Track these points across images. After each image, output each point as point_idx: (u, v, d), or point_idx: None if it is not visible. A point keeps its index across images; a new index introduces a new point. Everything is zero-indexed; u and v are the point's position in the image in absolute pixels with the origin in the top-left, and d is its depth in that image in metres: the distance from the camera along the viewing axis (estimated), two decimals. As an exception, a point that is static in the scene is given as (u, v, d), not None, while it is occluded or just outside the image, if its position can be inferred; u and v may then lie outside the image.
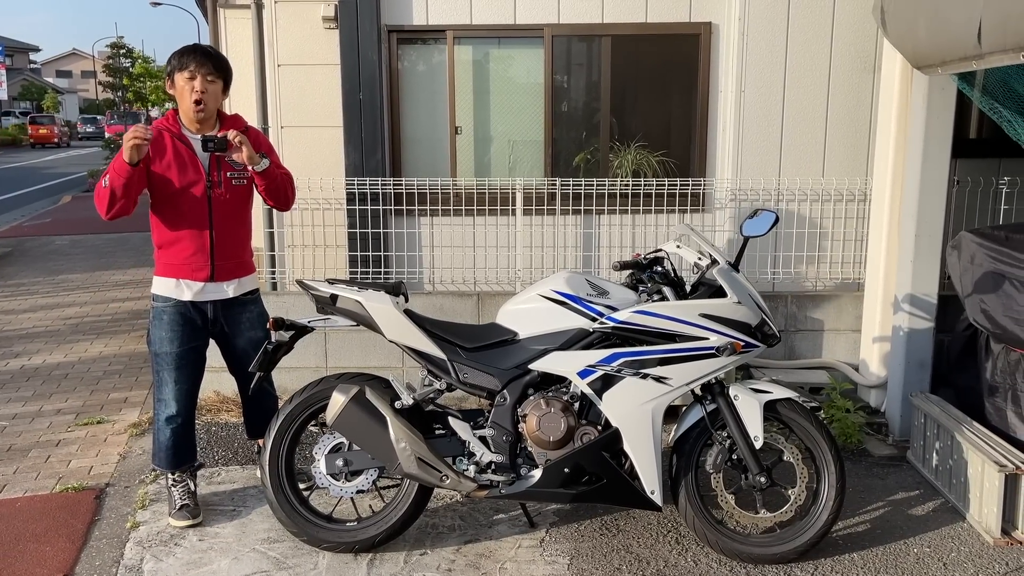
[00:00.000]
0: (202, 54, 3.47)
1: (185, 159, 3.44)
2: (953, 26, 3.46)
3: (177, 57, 3.47)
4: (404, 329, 3.32)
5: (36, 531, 3.59)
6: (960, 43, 3.42)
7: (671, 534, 3.56)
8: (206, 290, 3.54)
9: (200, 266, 3.50)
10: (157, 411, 3.64)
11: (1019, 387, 3.77)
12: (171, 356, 3.54)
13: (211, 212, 3.48)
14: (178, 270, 3.50)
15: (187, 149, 3.45)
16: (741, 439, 3.26)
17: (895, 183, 4.52)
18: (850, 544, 3.50)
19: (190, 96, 3.41)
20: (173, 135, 3.45)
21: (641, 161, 5.51)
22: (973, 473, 3.66)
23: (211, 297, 3.56)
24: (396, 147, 5.52)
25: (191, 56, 3.44)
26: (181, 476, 3.68)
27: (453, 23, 5.36)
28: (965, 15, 3.35)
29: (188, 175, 3.44)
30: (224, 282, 3.57)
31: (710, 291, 3.34)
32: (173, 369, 3.56)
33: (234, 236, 3.59)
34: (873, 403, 4.83)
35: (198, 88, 3.41)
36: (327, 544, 3.36)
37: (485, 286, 5.39)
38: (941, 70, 3.71)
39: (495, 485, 3.29)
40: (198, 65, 3.42)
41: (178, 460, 3.67)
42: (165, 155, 3.42)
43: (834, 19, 5.15)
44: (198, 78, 3.41)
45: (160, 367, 3.57)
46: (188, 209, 3.46)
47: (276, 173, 3.54)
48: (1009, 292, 3.79)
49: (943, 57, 3.63)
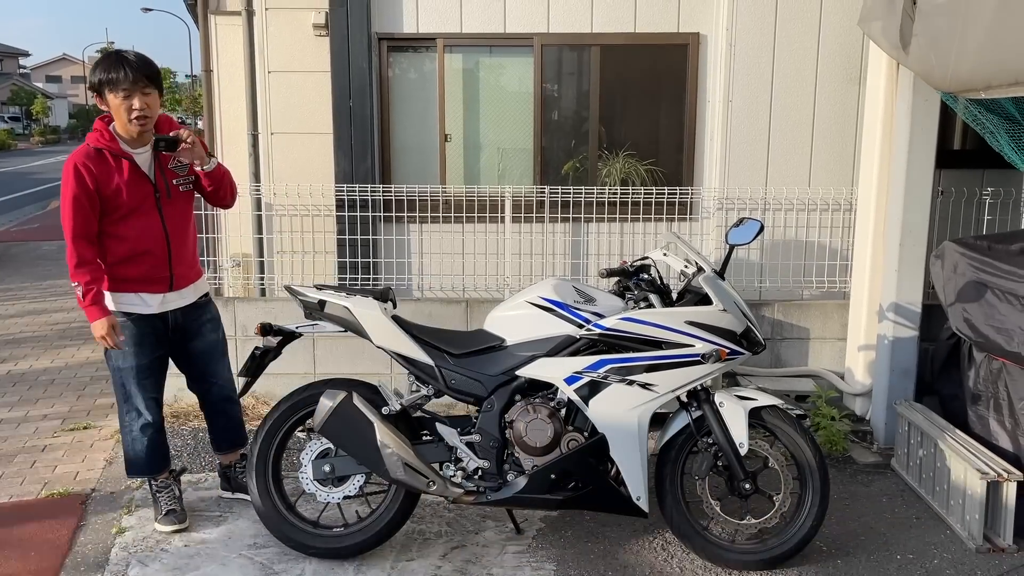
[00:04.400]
0: (132, 68, 3.20)
1: (132, 176, 3.31)
2: (1004, 50, 3.44)
3: (102, 72, 3.20)
4: (392, 335, 3.33)
5: (21, 536, 3.58)
6: (1010, 69, 3.39)
7: (657, 540, 3.57)
8: (167, 300, 3.48)
9: (160, 278, 3.43)
10: (127, 423, 3.56)
11: (1001, 395, 3.80)
12: (137, 369, 3.47)
13: (164, 222, 3.40)
14: (137, 285, 3.41)
15: (130, 164, 3.31)
16: (726, 446, 3.28)
17: (880, 193, 4.57)
18: (834, 550, 3.52)
19: (128, 114, 3.22)
20: (114, 153, 3.29)
21: (629, 170, 5.55)
22: (956, 480, 3.69)
23: (173, 306, 3.50)
24: (386, 154, 5.53)
25: (119, 72, 3.18)
26: (166, 481, 3.67)
27: (443, 31, 5.39)
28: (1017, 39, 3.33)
29: (137, 191, 3.32)
30: (182, 289, 3.52)
31: (696, 299, 3.36)
32: (142, 379, 3.50)
33: (186, 242, 3.53)
34: (858, 411, 4.87)
35: (137, 107, 3.21)
36: (314, 550, 3.36)
37: (474, 293, 5.40)
38: (984, 94, 3.69)
39: (482, 491, 3.30)
40: (132, 82, 3.19)
41: (159, 464, 3.65)
42: (112, 177, 3.28)
43: (820, 30, 5.20)
44: (135, 96, 3.21)
45: (126, 380, 3.49)
46: (142, 224, 3.36)
47: (222, 171, 3.49)
48: (991, 301, 3.83)
49: (988, 82, 3.60)
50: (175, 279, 3.46)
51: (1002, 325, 3.74)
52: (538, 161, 5.53)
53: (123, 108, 3.22)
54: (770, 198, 5.32)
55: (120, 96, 3.20)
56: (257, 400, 5.08)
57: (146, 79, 3.23)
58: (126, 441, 3.62)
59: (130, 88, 3.19)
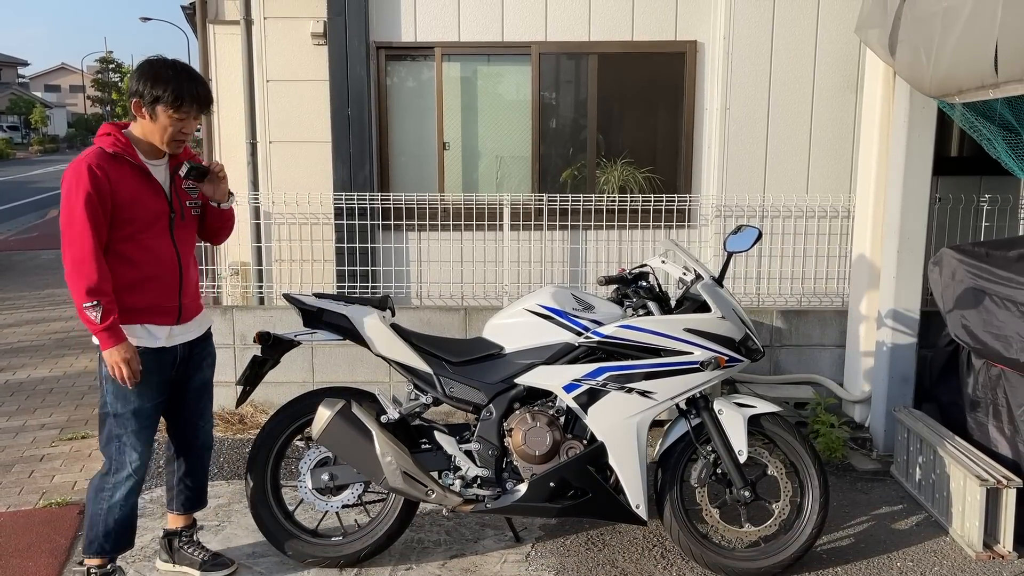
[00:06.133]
0: (203, 96, 2.97)
1: (149, 189, 2.98)
2: (972, 56, 3.48)
3: (170, 92, 2.88)
4: (391, 343, 3.33)
5: (19, 546, 3.56)
6: (977, 73, 3.43)
7: (656, 548, 3.57)
8: (173, 333, 3.08)
9: (169, 309, 3.05)
10: (109, 486, 3.05)
11: (1000, 402, 3.80)
12: (139, 413, 3.01)
13: (176, 246, 3.06)
14: (143, 315, 3.00)
15: (148, 176, 2.99)
16: (725, 453, 3.28)
17: (878, 200, 4.58)
18: (834, 558, 3.51)
19: (172, 134, 2.95)
20: (131, 161, 2.94)
21: (627, 177, 5.56)
22: (955, 487, 3.68)
23: (179, 340, 3.11)
24: (384, 162, 5.54)
25: (189, 95, 2.91)
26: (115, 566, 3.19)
27: (441, 40, 5.40)
28: (984, 45, 3.38)
29: (153, 207, 2.99)
30: (188, 322, 3.14)
31: (695, 306, 3.37)
32: (142, 427, 3.03)
33: (194, 270, 3.22)
34: (857, 418, 4.87)
35: (188, 131, 2.98)
36: (312, 559, 3.35)
37: (472, 301, 5.41)
38: (959, 99, 3.74)
39: (481, 499, 3.29)
40: (199, 108, 2.96)
41: (129, 540, 3.15)
42: (129, 185, 2.93)
43: (817, 38, 5.22)
44: (190, 120, 2.96)
45: (123, 429, 3.01)
46: (156, 245, 3.01)
47: (232, 212, 3.28)
48: (989, 308, 3.83)
49: (960, 86, 3.65)
50: (183, 310, 3.10)
51: (1000, 331, 3.74)
52: (536, 169, 5.54)
53: (172, 128, 2.93)
54: (768, 205, 5.33)
55: (177, 116, 2.92)
56: (256, 408, 5.07)
57: (206, 107, 3.00)
58: (99, 509, 3.05)
59: (191, 113, 2.94)
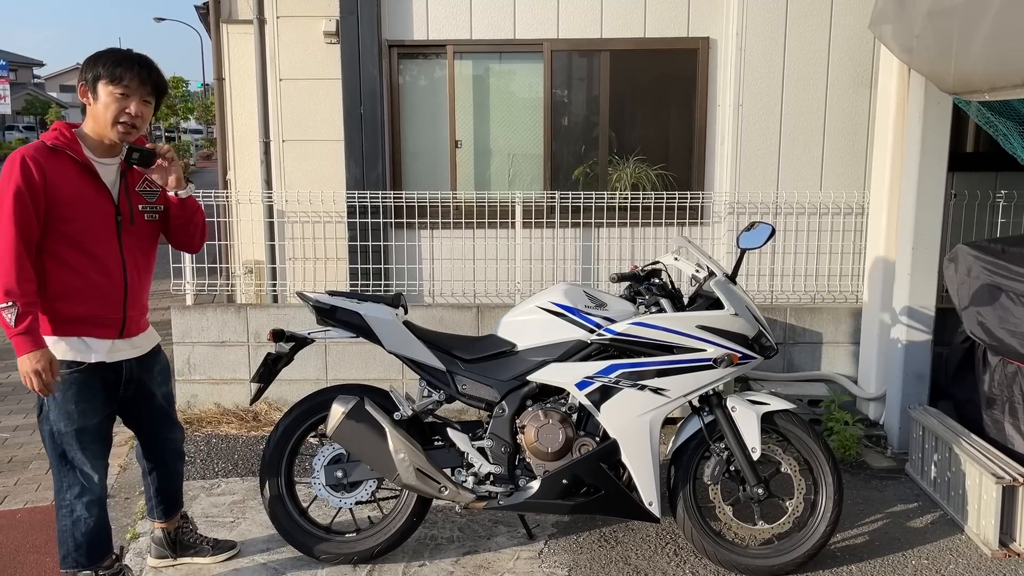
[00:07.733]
0: (144, 68, 2.78)
1: (91, 188, 2.78)
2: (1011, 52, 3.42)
3: (109, 66, 2.74)
4: (404, 341, 3.33)
5: (36, 543, 3.60)
6: (1018, 71, 3.37)
7: (669, 546, 3.56)
8: (116, 348, 2.89)
9: (110, 321, 2.86)
10: (68, 501, 2.92)
11: (1016, 399, 3.78)
12: (82, 432, 2.85)
13: (123, 253, 2.86)
14: (81, 327, 2.81)
15: (92, 174, 2.79)
16: (739, 451, 3.27)
17: (892, 196, 4.55)
18: (848, 556, 3.50)
19: (116, 115, 2.76)
20: (74, 157, 2.75)
21: (640, 174, 5.55)
22: (971, 485, 3.66)
23: (122, 356, 2.92)
24: (397, 160, 5.56)
25: (129, 69, 2.74)
26: (117, 566, 3.11)
27: (453, 38, 5.41)
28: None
29: (96, 208, 2.79)
30: (134, 337, 2.96)
31: (707, 303, 3.36)
32: (91, 444, 2.89)
33: (143, 282, 2.99)
34: (872, 416, 4.84)
35: (133, 111, 2.77)
36: (326, 555, 3.37)
37: (485, 298, 5.41)
38: (989, 96, 3.68)
39: (493, 496, 3.30)
40: (139, 83, 2.77)
41: (105, 549, 3.05)
42: (68, 182, 2.72)
43: (831, 34, 5.19)
44: (135, 99, 2.77)
45: (68, 447, 2.86)
46: (99, 251, 2.80)
47: (196, 204, 3.06)
48: (1005, 304, 3.81)
49: (993, 83, 3.58)
50: (127, 323, 2.91)
51: (1017, 328, 3.72)
52: (548, 166, 5.54)
53: (115, 107, 2.75)
54: (781, 202, 5.31)
55: (117, 93, 2.74)
56: (269, 406, 5.10)
57: (153, 87, 2.83)
58: (64, 525, 2.95)
59: (133, 88, 2.76)
